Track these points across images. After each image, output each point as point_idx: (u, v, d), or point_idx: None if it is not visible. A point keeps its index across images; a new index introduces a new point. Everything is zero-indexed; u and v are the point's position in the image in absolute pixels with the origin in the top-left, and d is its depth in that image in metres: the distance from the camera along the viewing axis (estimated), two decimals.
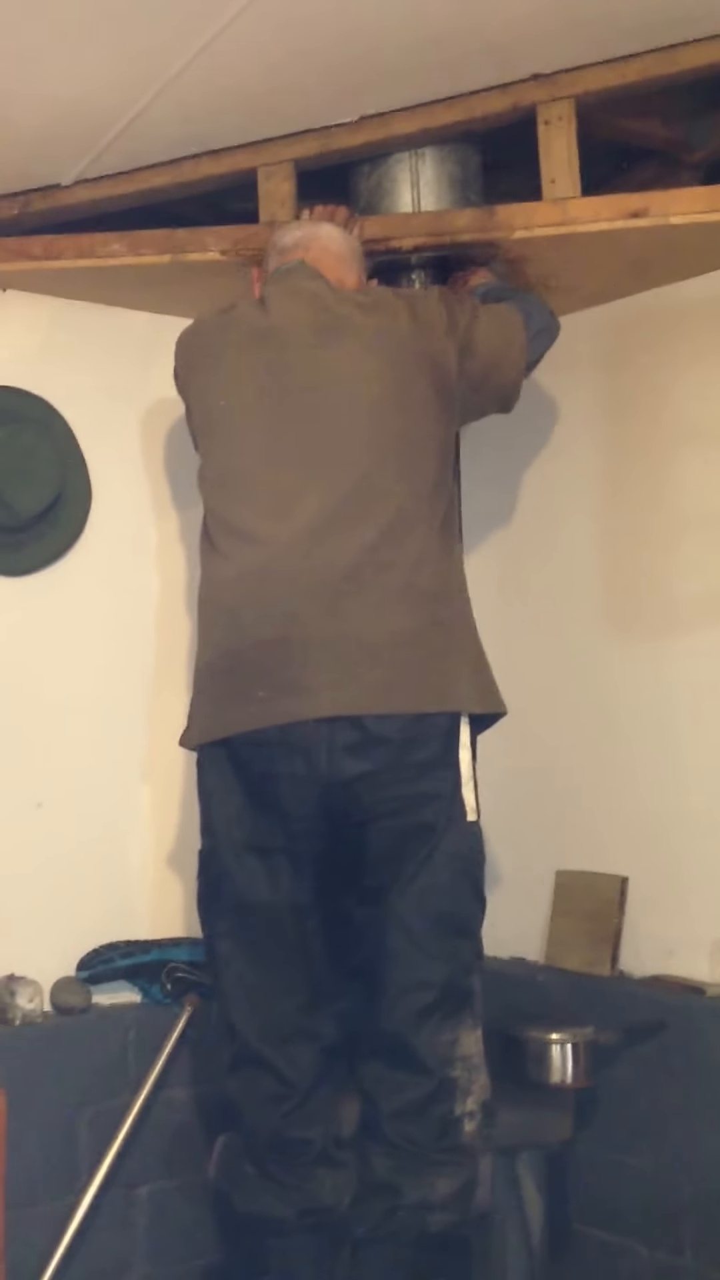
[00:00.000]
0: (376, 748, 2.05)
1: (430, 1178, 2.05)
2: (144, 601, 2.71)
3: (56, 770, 2.58)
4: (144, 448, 2.74)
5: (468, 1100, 2.08)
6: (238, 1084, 2.16)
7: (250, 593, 2.10)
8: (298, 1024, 2.13)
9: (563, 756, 2.72)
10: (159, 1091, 2.50)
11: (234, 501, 2.17)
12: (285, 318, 2.21)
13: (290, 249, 2.30)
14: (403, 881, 2.07)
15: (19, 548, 2.56)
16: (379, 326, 2.20)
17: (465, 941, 2.12)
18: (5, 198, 2.51)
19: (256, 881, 2.11)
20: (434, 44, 2.17)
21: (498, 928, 2.30)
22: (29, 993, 2.45)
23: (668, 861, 2.53)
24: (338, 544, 2.08)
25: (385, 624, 2.07)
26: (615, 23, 2.15)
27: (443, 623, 2.12)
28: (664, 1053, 2.39)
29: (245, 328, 2.24)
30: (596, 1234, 2.48)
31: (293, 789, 2.07)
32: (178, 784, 2.67)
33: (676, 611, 2.56)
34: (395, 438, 2.14)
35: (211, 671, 2.15)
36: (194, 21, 2.02)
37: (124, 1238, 2.49)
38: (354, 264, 2.31)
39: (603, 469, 2.70)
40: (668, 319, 2.59)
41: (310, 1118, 2.13)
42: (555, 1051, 2.35)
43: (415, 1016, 2.06)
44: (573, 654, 2.72)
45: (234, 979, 2.15)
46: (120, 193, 2.50)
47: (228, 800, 2.13)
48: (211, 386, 2.24)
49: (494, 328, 2.30)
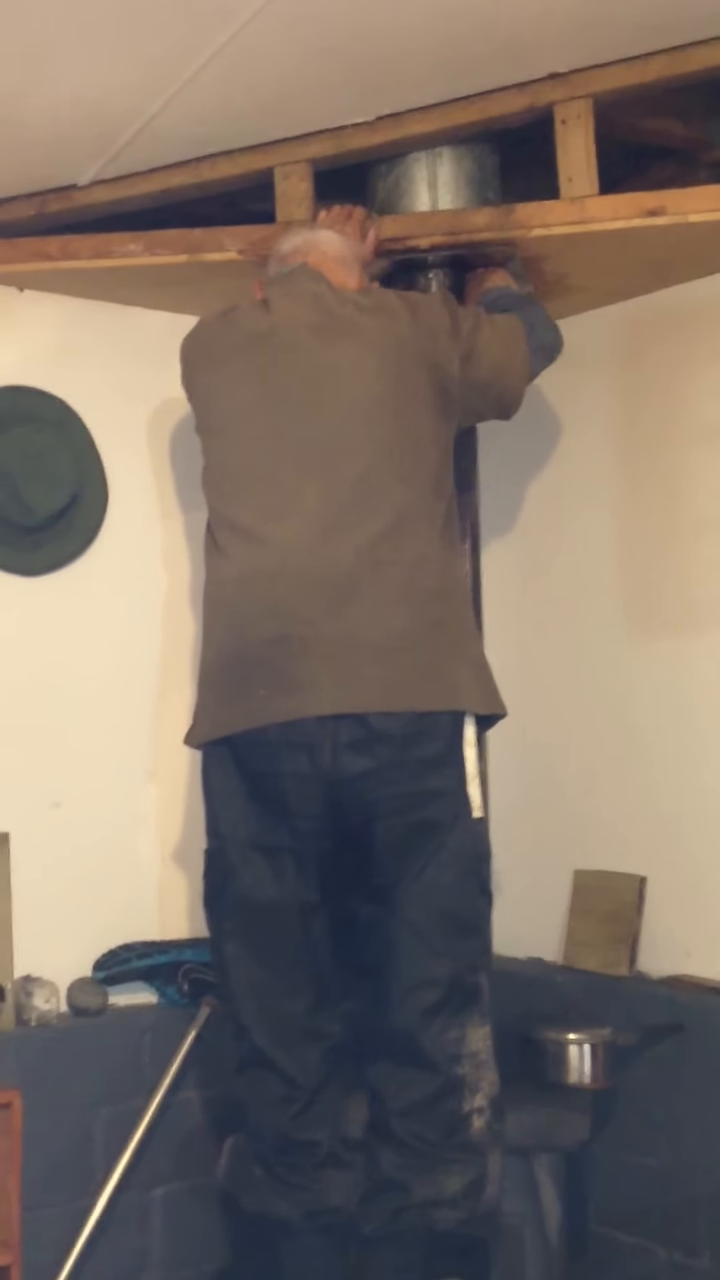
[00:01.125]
0: (380, 745, 2.05)
1: (439, 1175, 2.05)
2: (159, 602, 2.71)
3: (72, 771, 2.58)
4: (160, 448, 2.74)
5: (476, 1097, 2.07)
6: (245, 1085, 2.16)
7: (252, 592, 2.11)
8: (304, 1024, 2.13)
9: (580, 756, 2.72)
10: (175, 1093, 2.49)
11: (236, 501, 2.18)
12: (286, 318, 2.22)
13: (290, 254, 2.32)
14: (408, 879, 2.07)
15: (35, 548, 2.56)
16: (380, 327, 2.21)
17: (472, 939, 2.11)
18: (22, 198, 2.51)
19: (262, 880, 2.11)
20: (451, 44, 2.17)
21: (515, 928, 2.30)
22: (45, 993, 2.44)
23: (686, 861, 2.52)
24: (339, 542, 2.09)
25: (387, 623, 2.07)
26: (633, 22, 2.15)
27: (444, 622, 2.13)
28: (682, 1053, 2.38)
29: (247, 329, 2.25)
30: (614, 1235, 2.47)
31: (296, 787, 2.07)
32: (193, 784, 2.66)
33: (694, 610, 2.55)
34: (395, 437, 2.15)
35: (215, 670, 2.16)
36: (211, 22, 2.02)
37: (139, 1239, 2.49)
38: (354, 266, 2.33)
39: (619, 468, 2.70)
40: (685, 317, 2.59)
41: (317, 1119, 2.13)
42: (573, 1052, 2.34)
43: (422, 1014, 2.06)
44: (590, 653, 2.71)
45: (241, 979, 2.15)
46: (137, 193, 2.50)
47: (232, 799, 2.13)
48: (214, 387, 2.25)
49: (497, 337, 2.31)
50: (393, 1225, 2.06)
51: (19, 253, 2.50)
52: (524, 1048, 2.33)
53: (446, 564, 2.17)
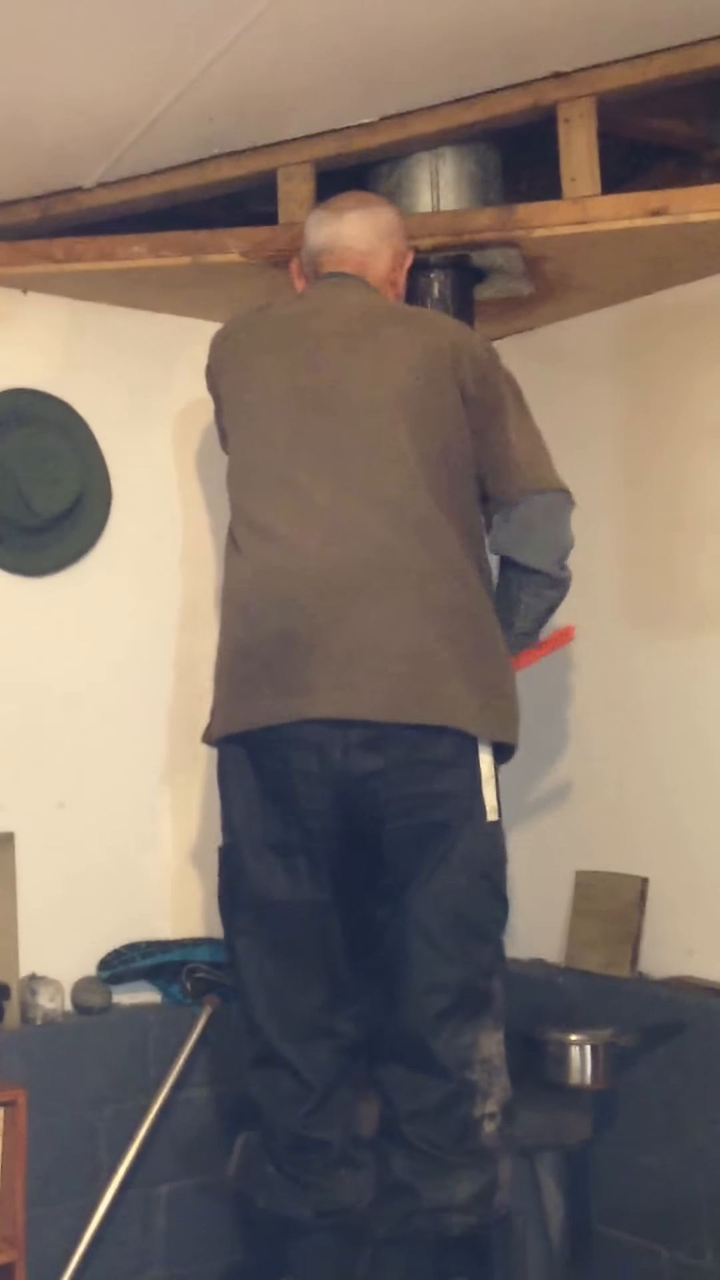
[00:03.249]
0: (390, 745, 2.03)
1: (449, 1180, 2.04)
2: (163, 602, 2.72)
3: (77, 771, 2.59)
4: (164, 450, 2.75)
5: (487, 1102, 2.06)
6: (258, 1083, 2.15)
7: (264, 589, 2.10)
8: (317, 1024, 2.12)
9: (583, 756, 2.72)
10: (179, 1091, 2.50)
11: (255, 498, 2.16)
12: (319, 319, 2.20)
13: (325, 252, 2.26)
14: (419, 882, 2.06)
15: (40, 549, 2.58)
16: (412, 337, 2.17)
17: (484, 943, 2.10)
18: (27, 201, 2.52)
19: (275, 879, 2.10)
20: (453, 43, 2.17)
21: (517, 928, 2.30)
22: (50, 992, 2.46)
23: (688, 862, 2.52)
24: (352, 546, 2.06)
25: (392, 633, 2.03)
26: (635, 20, 2.15)
27: (455, 638, 2.07)
28: (684, 1054, 2.38)
29: (278, 326, 2.23)
30: (616, 1235, 2.47)
31: (306, 786, 2.06)
32: (199, 784, 2.68)
33: (699, 610, 2.55)
34: (420, 444, 2.11)
35: (227, 667, 2.15)
36: (214, 23, 2.03)
37: (143, 1237, 2.50)
38: (381, 248, 2.26)
39: (623, 468, 2.69)
40: (687, 317, 2.58)
41: (329, 1119, 2.12)
42: (575, 1053, 2.34)
43: (433, 1019, 2.05)
44: (593, 652, 2.71)
45: (254, 977, 2.14)
46: (141, 195, 2.50)
47: (246, 797, 2.12)
48: (240, 383, 2.23)
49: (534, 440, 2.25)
50: (403, 1229, 2.05)
51: (24, 255, 2.51)
52: (526, 1048, 2.33)
53: (466, 580, 2.11)
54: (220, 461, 2.30)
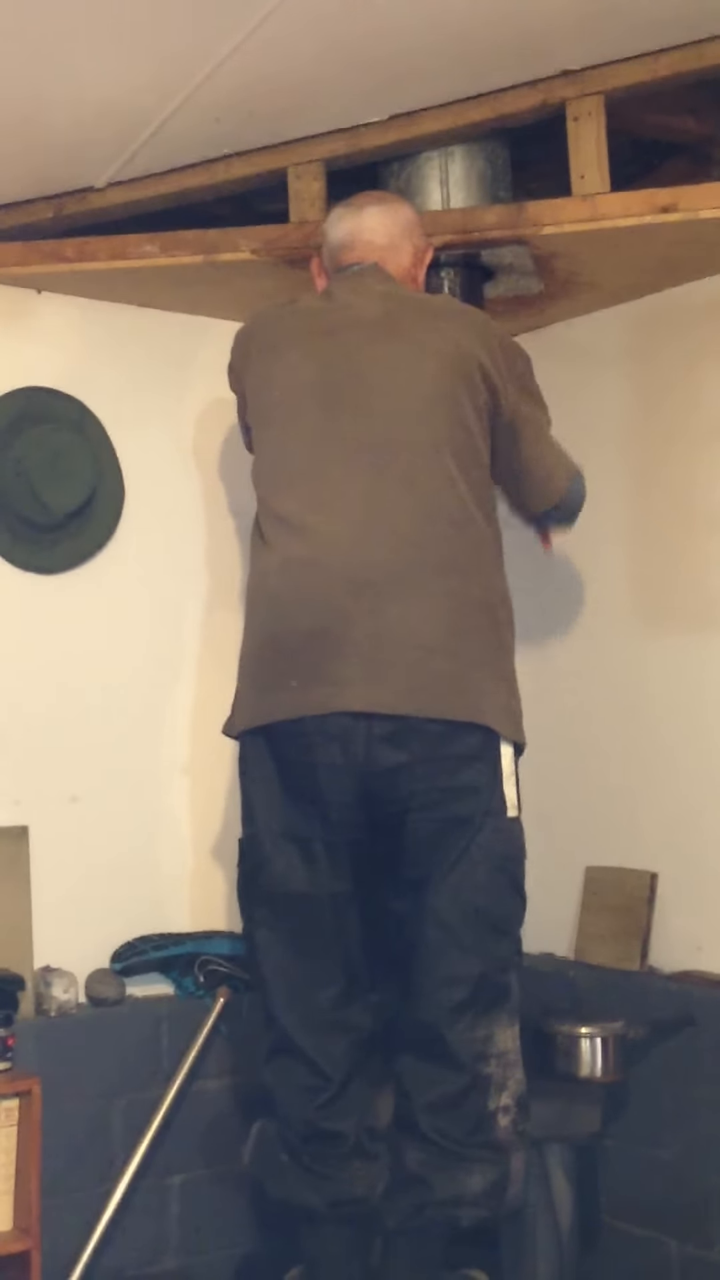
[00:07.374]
0: (414, 739, 2.03)
1: (462, 1173, 2.05)
2: (175, 598, 2.73)
3: (91, 765, 2.61)
4: (176, 447, 2.76)
5: (502, 1096, 2.07)
6: (273, 1072, 2.16)
7: (292, 582, 2.09)
8: (333, 1014, 2.13)
9: (592, 751, 2.73)
10: (191, 1082, 2.52)
11: (282, 492, 2.15)
12: (348, 313, 2.19)
13: (345, 247, 2.26)
14: (439, 875, 2.06)
15: (53, 546, 2.60)
16: (440, 328, 2.17)
17: (502, 938, 2.10)
18: (39, 201, 2.53)
19: (294, 870, 2.11)
20: (463, 42, 2.17)
21: (527, 922, 2.30)
22: (64, 984, 2.48)
23: (697, 857, 2.52)
24: (380, 539, 2.06)
25: (421, 625, 2.04)
26: (645, 17, 2.15)
27: (481, 631, 2.09)
28: (693, 1047, 2.39)
29: (303, 320, 2.22)
30: (626, 1227, 2.48)
31: (330, 778, 2.06)
32: (212, 778, 2.69)
33: (708, 606, 2.55)
34: (447, 440, 2.11)
35: (252, 660, 2.15)
36: (225, 23, 2.03)
37: (157, 1226, 2.52)
38: (402, 243, 2.26)
39: (632, 464, 2.70)
40: (697, 314, 2.59)
41: (344, 1110, 2.13)
42: (585, 1046, 2.35)
43: (449, 1012, 2.05)
44: (602, 649, 2.72)
45: (272, 967, 2.14)
46: (153, 194, 2.52)
47: (267, 788, 2.12)
48: (266, 378, 2.22)
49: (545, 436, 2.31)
50: (415, 1221, 2.06)
51: (36, 255, 2.53)
52: (536, 1041, 2.34)
53: (490, 575, 2.13)
54: (233, 457, 2.31)
